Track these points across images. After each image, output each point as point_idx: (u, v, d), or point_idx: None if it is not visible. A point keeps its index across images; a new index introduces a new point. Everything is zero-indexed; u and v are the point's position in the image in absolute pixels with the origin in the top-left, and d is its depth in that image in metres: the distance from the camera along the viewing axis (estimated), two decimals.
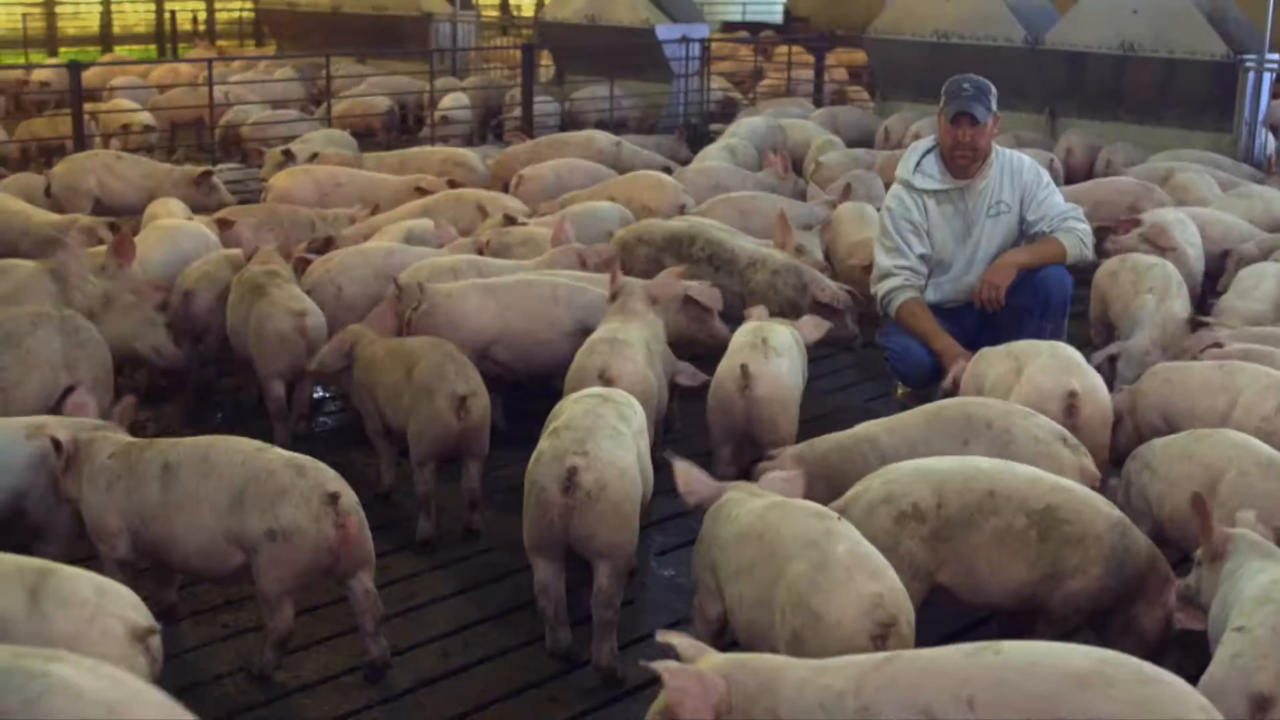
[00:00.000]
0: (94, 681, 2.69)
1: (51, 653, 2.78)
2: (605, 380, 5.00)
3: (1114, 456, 5.20)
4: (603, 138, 10.94)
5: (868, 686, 2.90)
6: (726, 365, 5.40)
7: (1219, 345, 5.74)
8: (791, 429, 5.34)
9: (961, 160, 6.33)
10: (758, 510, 3.79)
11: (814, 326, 5.86)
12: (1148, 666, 2.88)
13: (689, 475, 4.09)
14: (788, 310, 6.39)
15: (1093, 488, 4.31)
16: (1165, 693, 2.79)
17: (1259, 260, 7.46)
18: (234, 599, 4.79)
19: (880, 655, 3.02)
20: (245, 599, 4.72)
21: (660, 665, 2.97)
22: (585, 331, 5.78)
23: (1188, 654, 3.89)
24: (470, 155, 10.10)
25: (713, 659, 3.06)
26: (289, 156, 9.92)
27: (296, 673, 4.35)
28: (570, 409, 4.45)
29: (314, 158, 9.71)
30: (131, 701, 2.71)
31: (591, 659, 4.30)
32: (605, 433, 4.29)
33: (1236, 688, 3.13)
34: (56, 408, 4.89)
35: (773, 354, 5.39)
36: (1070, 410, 4.94)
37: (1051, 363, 5.16)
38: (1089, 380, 5.12)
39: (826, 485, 4.45)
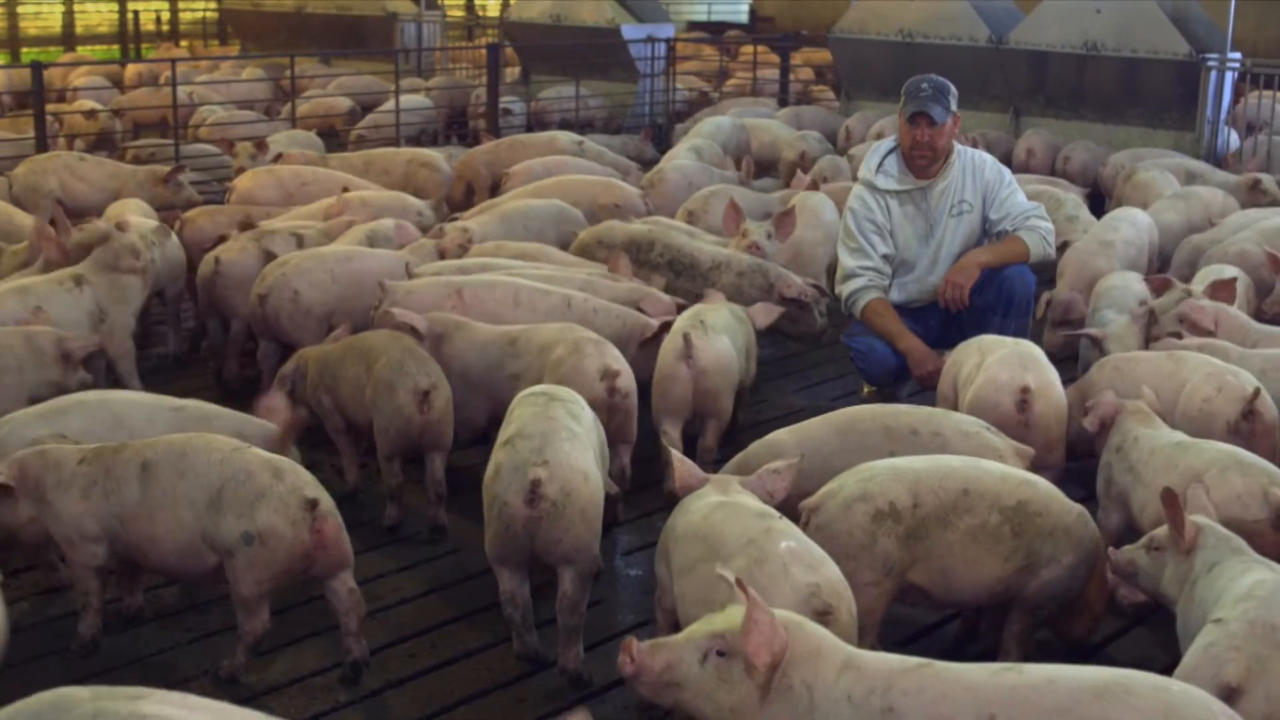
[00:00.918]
0: (189, 715, 2.58)
1: (136, 691, 2.62)
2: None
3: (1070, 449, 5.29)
4: (565, 138, 10.94)
5: (895, 689, 2.96)
6: (669, 343, 5.61)
7: (1178, 336, 5.80)
8: (729, 404, 5.61)
9: (921, 160, 6.35)
10: (705, 509, 3.84)
11: (765, 312, 6.14)
12: (1162, 678, 2.94)
13: (685, 468, 4.12)
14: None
15: (1027, 468, 4.47)
16: (1185, 699, 2.84)
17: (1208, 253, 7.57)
18: (200, 602, 4.78)
19: (914, 661, 3.04)
20: (211, 602, 4.71)
21: (754, 597, 2.98)
22: None
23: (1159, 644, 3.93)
24: (435, 155, 10.07)
25: (777, 612, 3.07)
26: (261, 149, 9.87)
27: (263, 675, 4.34)
28: (520, 413, 4.40)
29: (278, 158, 9.67)
30: None
31: (558, 663, 4.29)
32: (561, 436, 4.26)
33: (1207, 676, 3.16)
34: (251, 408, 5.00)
35: (711, 331, 5.61)
36: (1023, 405, 4.98)
37: (1008, 357, 5.19)
38: (1043, 376, 5.14)
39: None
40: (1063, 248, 7.46)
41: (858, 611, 3.56)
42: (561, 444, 4.22)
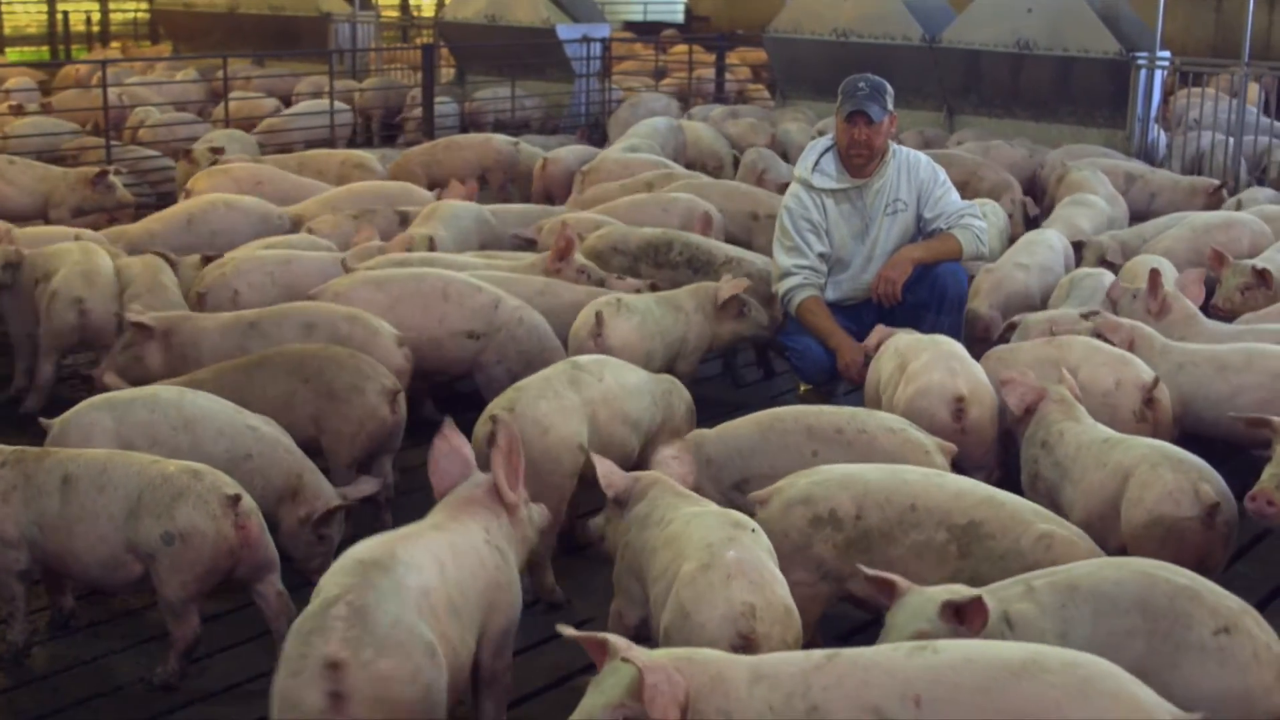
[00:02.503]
0: None
1: None
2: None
3: None
4: (500, 139, 10.93)
5: (815, 686, 2.92)
6: (581, 317, 5.87)
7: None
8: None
9: (858, 159, 6.38)
10: (685, 517, 3.78)
11: (731, 285, 6.23)
12: (1071, 652, 2.97)
13: (608, 468, 4.09)
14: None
15: (951, 462, 4.50)
16: (1098, 671, 2.87)
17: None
18: (134, 609, 4.73)
19: (821, 653, 3.01)
20: (145, 609, 4.67)
21: (637, 656, 2.89)
22: (473, 336, 5.84)
23: None
24: (369, 156, 10.03)
25: (659, 653, 3.01)
26: (217, 153, 9.80)
27: (199, 682, 4.31)
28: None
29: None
30: None
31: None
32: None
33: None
34: None
35: (625, 311, 5.85)
36: (958, 414, 4.98)
37: (935, 363, 5.15)
38: (975, 380, 5.14)
39: None
40: None
41: None
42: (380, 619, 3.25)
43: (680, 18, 25.11)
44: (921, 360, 5.18)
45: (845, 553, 3.99)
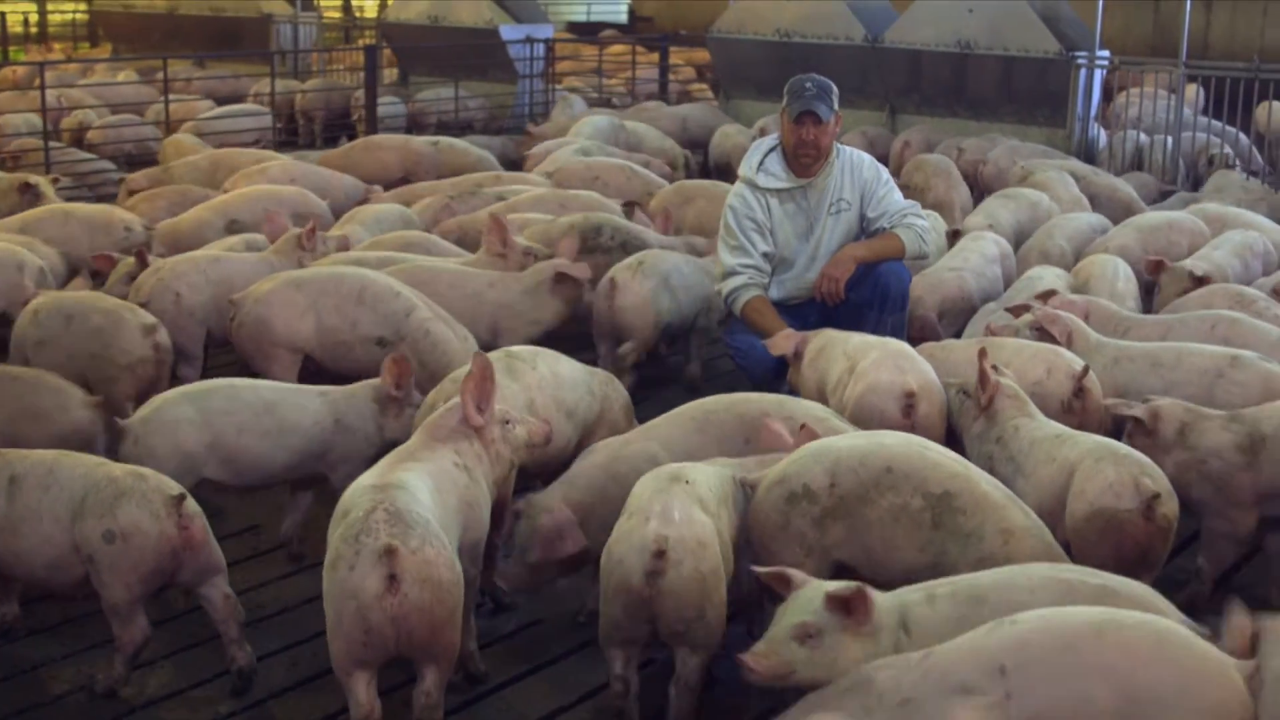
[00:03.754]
0: None
1: None
2: None
3: None
4: (419, 140, 10.95)
5: (905, 683, 3.11)
6: (605, 278, 6.74)
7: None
8: (648, 334, 6.76)
9: (805, 159, 6.40)
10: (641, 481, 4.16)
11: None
12: (1142, 613, 3.19)
13: None
14: None
15: None
16: (1170, 627, 3.11)
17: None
18: (74, 616, 4.68)
19: (917, 655, 3.20)
20: (87, 615, 4.62)
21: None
22: (381, 343, 5.79)
23: None
24: (283, 158, 9.93)
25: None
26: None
27: (141, 689, 4.28)
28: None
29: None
30: None
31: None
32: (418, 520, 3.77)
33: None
34: None
35: (641, 273, 6.73)
36: (908, 410, 5.00)
37: (884, 360, 5.15)
38: (924, 376, 5.13)
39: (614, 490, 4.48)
40: None
41: None
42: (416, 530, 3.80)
43: (624, 18, 25.10)
44: (870, 359, 5.19)
45: (823, 525, 4.06)
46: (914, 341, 6.10)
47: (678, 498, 3.95)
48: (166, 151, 10.75)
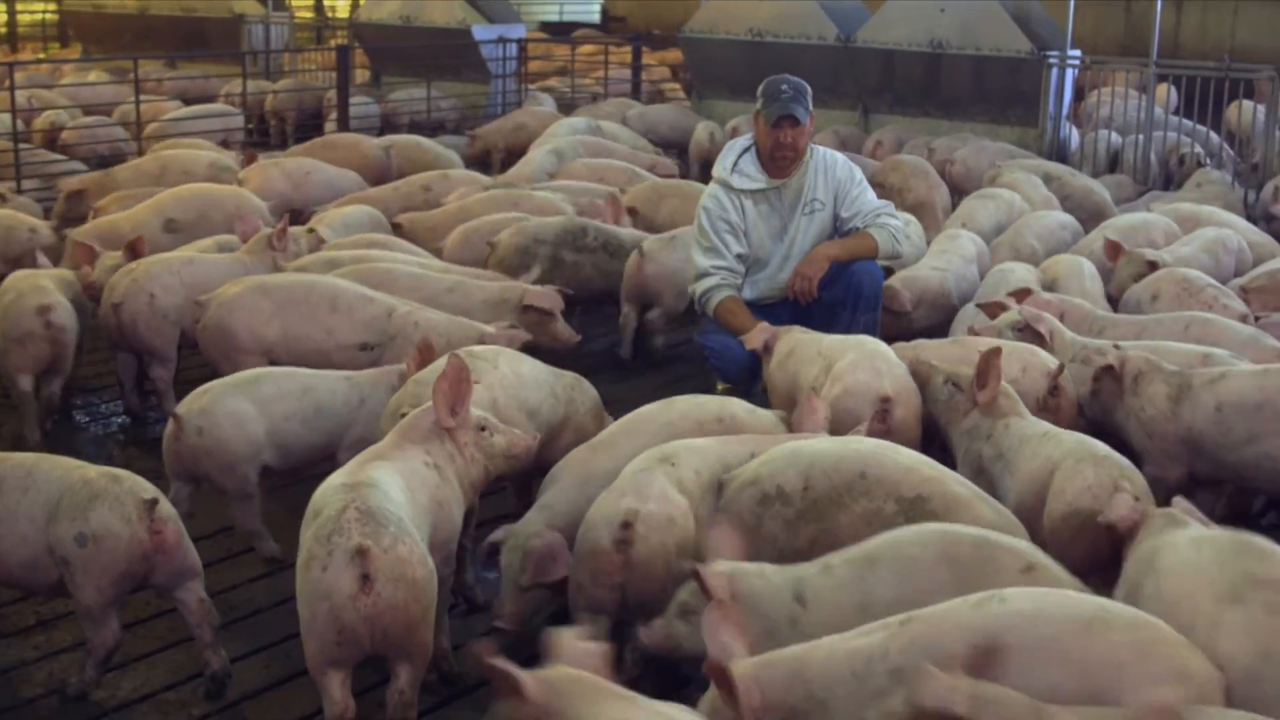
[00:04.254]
0: None
1: None
2: None
3: None
4: (372, 143, 10.94)
5: (893, 649, 3.12)
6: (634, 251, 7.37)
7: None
8: (672, 302, 7.38)
9: (783, 161, 6.41)
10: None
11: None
12: (1135, 610, 3.22)
13: None
14: None
15: None
16: (1158, 633, 3.11)
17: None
18: (46, 618, 4.67)
19: (897, 619, 3.21)
20: (58, 618, 4.61)
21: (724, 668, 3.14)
22: (363, 348, 5.77)
23: None
24: (232, 161, 9.86)
25: (739, 664, 3.18)
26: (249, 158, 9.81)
27: (113, 692, 4.26)
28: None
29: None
30: None
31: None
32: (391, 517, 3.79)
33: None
34: None
35: (671, 245, 7.34)
36: (884, 415, 4.98)
37: (860, 363, 5.13)
38: (900, 380, 5.11)
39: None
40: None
41: None
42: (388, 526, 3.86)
43: (597, 18, 25.10)
44: (846, 360, 5.16)
45: (795, 527, 4.06)
46: (888, 339, 6.11)
47: (657, 476, 4.15)
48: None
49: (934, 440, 5.08)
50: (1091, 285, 6.87)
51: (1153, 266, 6.95)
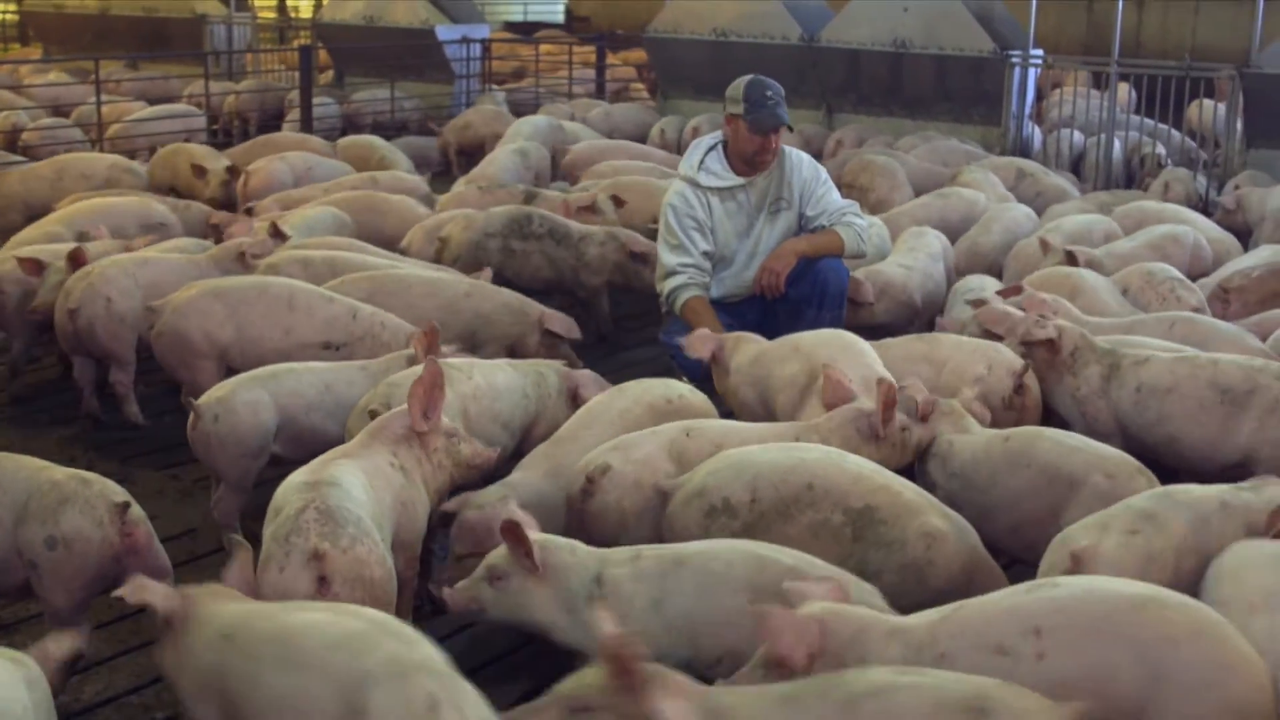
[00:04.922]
0: None
1: None
2: None
3: None
4: (317, 141, 10.92)
5: (942, 636, 3.15)
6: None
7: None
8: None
9: (762, 165, 6.46)
10: None
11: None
12: (1185, 596, 3.24)
13: None
14: (617, 273, 7.56)
15: None
16: (1210, 616, 3.14)
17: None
18: (8, 621, 4.62)
19: (951, 606, 3.26)
20: (22, 621, 4.57)
21: (756, 609, 3.20)
22: (326, 347, 5.72)
23: None
24: (133, 163, 9.78)
25: (813, 605, 3.24)
26: (234, 174, 9.64)
27: (77, 695, 4.22)
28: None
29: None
30: None
31: None
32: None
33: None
34: None
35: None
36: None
37: (841, 356, 5.13)
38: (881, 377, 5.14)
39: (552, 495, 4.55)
40: None
41: None
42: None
43: (560, 18, 25.09)
44: (829, 359, 5.15)
45: (742, 539, 3.98)
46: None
47: (655, 441, 4.42)
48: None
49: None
50: (1108, 295, 6.82)
51: (1071, 259, 6.99)
